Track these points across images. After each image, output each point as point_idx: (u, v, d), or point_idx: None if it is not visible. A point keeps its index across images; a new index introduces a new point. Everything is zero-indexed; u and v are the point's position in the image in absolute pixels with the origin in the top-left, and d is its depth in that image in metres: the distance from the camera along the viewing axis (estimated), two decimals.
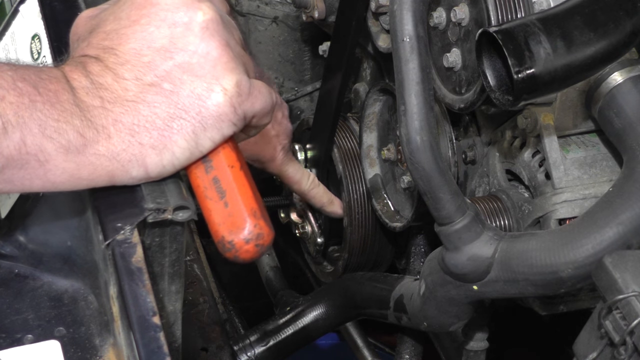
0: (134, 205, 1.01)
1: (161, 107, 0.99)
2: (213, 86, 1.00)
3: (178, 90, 0.99)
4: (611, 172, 1.35)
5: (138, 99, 0.98)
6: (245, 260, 1.01)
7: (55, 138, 0.95)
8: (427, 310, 1.36)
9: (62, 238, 1.11)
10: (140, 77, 0.99)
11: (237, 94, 1.01)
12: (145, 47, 1.00)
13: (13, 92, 0.93)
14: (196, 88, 1.00)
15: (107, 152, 0.97)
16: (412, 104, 1.19)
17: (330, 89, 1.65)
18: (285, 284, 1.95)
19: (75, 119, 0.96)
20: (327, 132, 1.68)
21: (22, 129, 0.93)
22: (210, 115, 1.00)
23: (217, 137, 1.01)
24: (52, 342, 1.05)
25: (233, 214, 1.01)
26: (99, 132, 0.97)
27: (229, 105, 1.00)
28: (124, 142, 0.98)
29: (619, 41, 1.14)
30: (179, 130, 0.99)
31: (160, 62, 0.99)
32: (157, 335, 0.96)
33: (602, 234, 1.15)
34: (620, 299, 1.06)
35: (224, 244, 1.00)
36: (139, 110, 0.98)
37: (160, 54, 1.00)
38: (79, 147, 0.96)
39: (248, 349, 1.67)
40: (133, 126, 0.98)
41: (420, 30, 1.19)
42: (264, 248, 1.01)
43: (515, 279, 1.20)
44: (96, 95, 0.97)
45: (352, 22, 1.56)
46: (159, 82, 0.99)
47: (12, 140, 0.93)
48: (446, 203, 1.21)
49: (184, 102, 0.99)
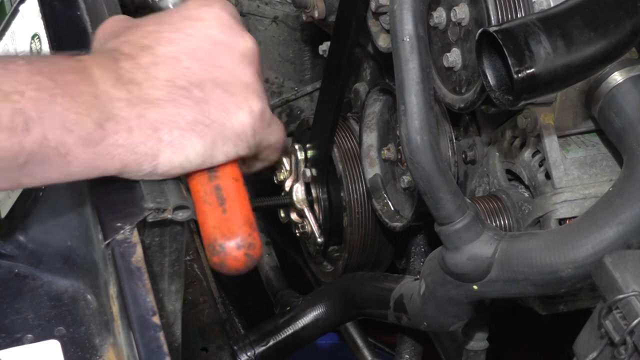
0: (134, 204, 1.01)
1: (188, 110, 1.00)
2: (242, 105, 1.03)
3: (208, 99, 1.01)
4: (611, 172, 1.35)
5: (167, 98, 1.00)
6: (230, 267, 1.00)
7: (75, 130, 0.95)
8: (427, 310, 1.36)
9: (62, 238, 1.11)
10: (173, 80, 1.00)
11: (260, 119, 1.04)
12: (184, 54, 1.02)
13: (31, 87, 0.94)
14: (225, 102, 1.02)
15: (126, 143, 0.98)
16: (412, 104, 1.19)
17: (330, 89, 1.65)
18: (285, 284, 1.95)
19: (95, 111, 0.96)
20: (327, 132, 1.68)
21: (43, 124, 0.94)
22: (232, 130, 1.02)
23: (231, 153, 1.03)
24: (52, 341, 1.05)
25: (230, 220, 1.01)
26: (119, 124, 0.97)
27: (250, 127, 1.03)
28: (144, 135, 0.99)
29: (619, 41, 1.14)
30: (200, 135, 1.00)
31: (196, 71, 1.01)
32: (157, 334, 0.96)
33: (602, 233, 1.15)
34: (620, 299, 1.06)
35: (215, 246, 1.00)
36: (165, 108, 0.99)
37: (198, 63, 1.02)
38: (98, 139, 0.97)
39: (248, 349, 1.68)
40: (156, 122, 0.99)
41: (420, 30, 1.20)
42: (252, 260, 1.00)
43: (515, 278, 1.20)
44: (123, 89, 0.98)
45: (352, 22, 1.56)
46: (191, 88, 1.01)
47: (34, 135, 0.93)
48: (446, 203, 1.21)
49: (211, 112, 1.01)
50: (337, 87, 1.63)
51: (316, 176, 1.73)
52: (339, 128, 1.71)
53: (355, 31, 1.57)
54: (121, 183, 1.03)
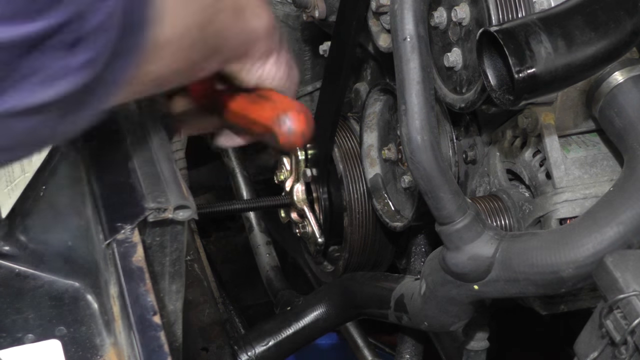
0: (135, 204, 1.01)
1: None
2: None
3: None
4: (612, 172, 1.35)
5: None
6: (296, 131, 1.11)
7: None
8: (427, 309, 1.36)
9: (63, 238, 1.11)
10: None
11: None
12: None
13: None
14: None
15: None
16: (412, 104, 1.19)
17: (331, 89, 1.65)
18: (285, 284, 1.95)
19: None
20: (327, 132, 1.68)
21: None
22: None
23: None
24: (52, 341, 1.05)
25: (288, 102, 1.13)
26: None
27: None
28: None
29: (620, 41, 1.14)
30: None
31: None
32: (158, 334, 0.96)
33: (602, 233, 1.15)
34: (621, 299, 1.06)
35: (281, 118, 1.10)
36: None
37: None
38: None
39: (248, 349, 1.67)
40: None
41: (421, 30, 1.20)
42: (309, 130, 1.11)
43: (516, 278, 1.20)
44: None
45: (352, 22, 1.56)
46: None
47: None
48: (447, 203, 1.21)
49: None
50: (338, 87, 1.63)
51: (316, 176, 1.73)
52: (339, 128, 1.71)
53: (356, 31, 1.57)
54: (121, 183, 1.03)
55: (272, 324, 1.70)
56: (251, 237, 2.04)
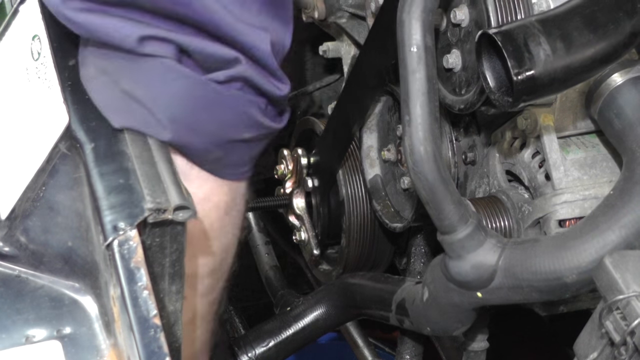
0: (135, 205, 1.01)
1: None
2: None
3: None
4: (611, 173, 1.35)
5: None
6: None
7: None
8: (430, 315, 1.36)
9: (63, 238, 1.11)
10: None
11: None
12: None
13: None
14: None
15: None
16: (417, 115, 1.18)
17: (351, 108, 1.60)
18: (285, 284, 1.95)
19: None
20: (339, 147, 1.66)
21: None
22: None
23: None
24: (53, 342, 1.05)
25: None
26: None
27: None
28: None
29: (619, 42, 1.14)
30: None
31: None
32: (158, 335, 0.96)
33: (604, 237, 1.15)
34: (620, 299, 1.06)
35: None
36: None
37: None
38: None
39: (248, 350, 1.68)
40: None
41: (428, 41, 1.18)
42: None
43: (520, 285, 1.20)
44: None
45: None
46: None
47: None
48: (449, 213, 1.20)
49: None
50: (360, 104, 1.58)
51: (317, 187, 1.73)
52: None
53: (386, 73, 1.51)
54: (121, 184, 1.03)
55: (272, 325, 1.70)
56: (250, 237, 2.04)
